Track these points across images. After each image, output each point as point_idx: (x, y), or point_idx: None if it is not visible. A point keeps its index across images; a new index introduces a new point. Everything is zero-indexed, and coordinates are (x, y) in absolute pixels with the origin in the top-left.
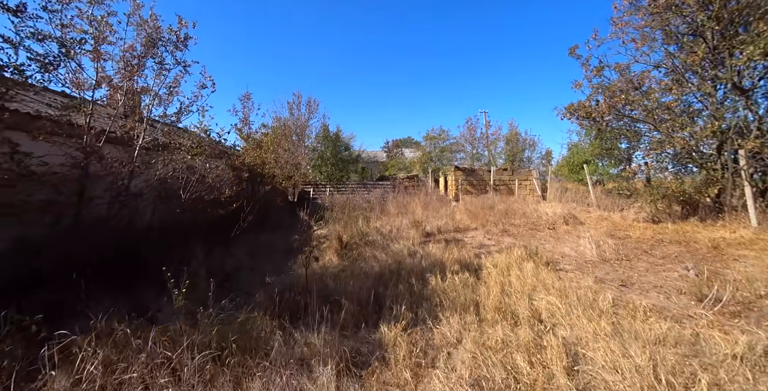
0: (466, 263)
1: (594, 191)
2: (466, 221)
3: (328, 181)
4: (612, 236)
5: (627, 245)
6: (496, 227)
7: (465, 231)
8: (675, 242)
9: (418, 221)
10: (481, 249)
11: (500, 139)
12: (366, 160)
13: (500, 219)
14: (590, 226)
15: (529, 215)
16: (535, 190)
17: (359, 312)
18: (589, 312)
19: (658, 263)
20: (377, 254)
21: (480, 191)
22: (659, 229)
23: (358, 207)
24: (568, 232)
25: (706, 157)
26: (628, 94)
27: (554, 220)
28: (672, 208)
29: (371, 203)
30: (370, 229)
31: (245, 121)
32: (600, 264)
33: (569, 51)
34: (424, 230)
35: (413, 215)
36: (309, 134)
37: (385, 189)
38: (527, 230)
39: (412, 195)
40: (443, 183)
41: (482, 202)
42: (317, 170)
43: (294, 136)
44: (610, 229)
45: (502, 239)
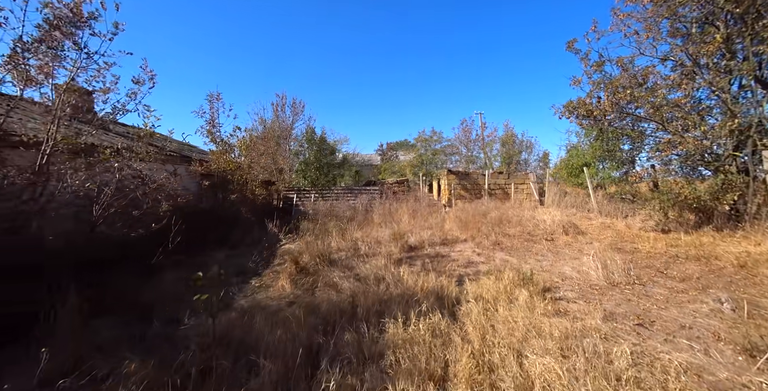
0: (442, 294)
1: (595, 196)
2: (456, 232)
3: (312, 187)
4: (619, 250)
5: (637, 262)
6: (488, 238)
7: (453, 244)
8: (693, 258)
9: (401, 233)
10: (468, 268)
11: (496, 141)
12: (360, 163)
13: (493, 228)
14: (593, 236)
15: (525, 222)
16: (532, 195)
17: (284, 376)
18: (601, 382)
19: (678, 288)
20: (338, 281)
21: (474, 196)
22: (671, 240)
23: (340, 215)
24: (569, 244)
25: (721, 159)
26: (632, 90)
27: (552, 229)
28: (684, 216)
29: (356, 210)
30: (346, 242)
31: (212, 122)
32: (608, 290)
33: (567, 45)
34: (407, 243)
35: (398, 224)
36: (296, 137)
37: (372, 195)
38: (522, 241)
39: (400, 201)
40: (436, 187)
41: (475, 208)
42: (301, 175)
43: (279, 139)
44: (615, 240)
45: (494, 253)
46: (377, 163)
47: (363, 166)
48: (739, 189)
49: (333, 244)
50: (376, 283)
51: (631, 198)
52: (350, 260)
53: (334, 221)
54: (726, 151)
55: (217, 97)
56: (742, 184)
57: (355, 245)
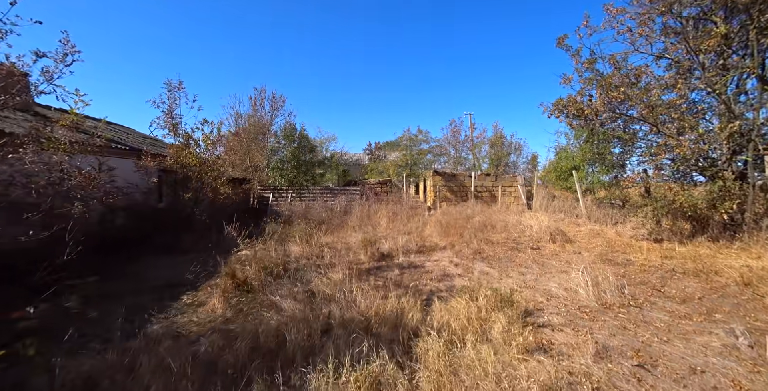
0: (401, 322)
1: (584, 201)
2: (435, 238)
3: (290, 187)
4: (609, 262)
5: (631, 277)
6: (469, 246)
7: (431, 252)
8: (691, 273)
9: (373, 239)
10: (442, 282)
11: (485, 142)
12: (348, 162)
13: (476, 234)
14: (581, 245)
15: (511, 228)
16: (519, 198)
17: None
18: None
19: (680, 312)
20: (281, 301)
21: (460, 198)
22: (665, 251)
23: (314, 217)
24: (556, 254)
25: (718, 164)
26: (626, 88)
27: (539, 236)
28: (678, 225)
29: (333, 211)
30: (312, 248)
31: (170, 113)
32: (599, 314)
33: (557, 41)
34: (379, 250)
35: (375, 228)
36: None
37: (352, 196)
38: (506, 250)
39: (382, 203)
40: (422, 189)
41: (460, 211)
42: (278, 174)
43: (257, 135)
44: (605, 250)
45: (474, 264)
46: (365, 162)
47: (351, 166)
48: (738, 197)
49: (296, 250)
50: (325, 303)
51: (620, 203)
52: (309, 270)
53: (305, 224)
54: (723, 155)
55: (179, 85)
56: (740, 192)
57: (321, 252)
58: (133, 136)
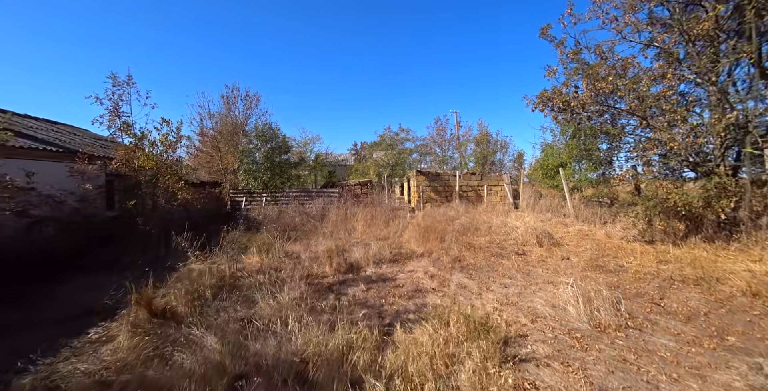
0: (343, 367)
1: (571, 199)
2: (413, 244)
3: (264, 189)
4: (601, 269)
5: (626, 288)
6: (449, 252)
7: (406, 261)
8: (691, 281)
9: (343, 248)
10: (412, 301)
11: (471, 140)
12: (334, 163)
13: (458, 238)
14: (570, 249)
15: (496, 230)
16: (506, 197)
17: None
18: None
19: (686, 335)
20: (206, 336)
21: (445, 198)
22: (659, 254)
23: (286, 222)
24: (542, 260)
25: (712, 159)
26: (615, 78)
27: (525, 239)
28: (671, 225)
29: (308, 215)
30: (271, 260)
31: (116, 111)
32: (593, 340)
33: (541, 31)
34: (347, 261)
35: (351, 233)
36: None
37: (331, 198)
38: (489, 256)
39: (361, 205)
40: (407, 189)
41: (444, 212)
42: (251, 176)
43: (232, 136)
44: (595, 254)
45: (451, 275)
46: (352, 163)
47: (337, 167)
48: (734, 194)
49: (254, 262)
50: (260, 337)
51: (608, 202)
52: (259, 288)
53: (273, 231)
54: (715, 149)
55: (128, 80)
56: (737, 188)
57: (281, 265)
58: (82, 138)
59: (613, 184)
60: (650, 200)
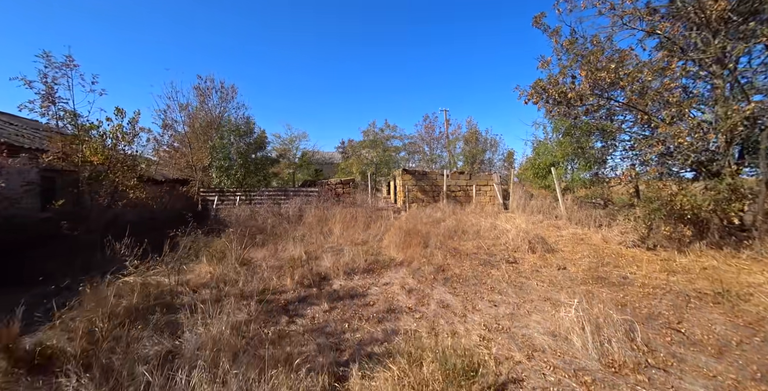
0: None
1: (563, 200)
2: (392, 250)
3: (239, 188)
4: (603, 282)
5: (635, 307)
6: (432, 260)
7: (382, 271)
8: (709, 298)
9: (313, 255)
10: (380, 327)
11: (460, 139)
12: (321, 162)
13: (444, 243)
14: (565, 255)
15: (485, 234)
16: (495, 198)
17: None
18: None
19: (726, 378)
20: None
21: (433, 199)
22: (664, 263)
23: (257, 224)
24: (536, 269)
25: (718, 158)
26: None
27: (516, 244)
28: (677, 230)
29: (282, 217)
30: (228, 269)
31: (49, 97)
32: (609, 388)
33: (534, 20)
34: (314, 271)
35: (327, 237)
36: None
37: (310, 197)
38: (477, 264)
39: (342, 205)
40: (393, 189)
41: (430, 214)
42: (223, 174)
43: (207, 130)
44: (594, 262)
45: (432, 290)
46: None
47: (323, 165)
48: (747, 197)
49: (204, 273)
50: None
51: (602, 203)
52: (196, 310)
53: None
54: (722, 147)
55: (67, 61)
56: (745, 189)
57: (236, 276)
58: (18, 128)
59: (613, 184)
60: (652, 202)
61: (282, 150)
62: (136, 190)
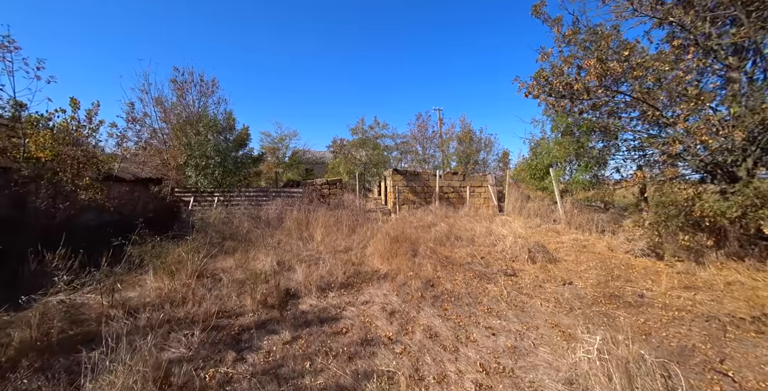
0: None
1: (562, 203)
2: (377, 260)
3: (217, 189)
4: (617, 301)
5: (662, 337)
6: (421, 273)
7: (363, 285)
8: (747, 322)
9: (289, 265)
10: (350, 366)
11: (453, 138)
12: (312, 161)
13: (435, 250)
14: (569, 266)
15: (480, 240)
16: (490, 200)
17: None
18: None
19: None
20: None
21: (424, 200)
22: (681, 276)
23: (230, 229)
24: (539, 284)
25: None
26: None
27: (514, 252)
28: (695, 239)
29: (260, 220)
30: (181, 284)
31: None
32: None
33: (533, 9)
34: (281, 287)
35: (306, 243)
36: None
37: (292, 199)
38: (471, 278)
39: (327, 207)
40: (383, 190)
41: (421, 217)
42: (199, 173)
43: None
44: (602, 275)
45: (419, 312)
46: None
47: (314, 164)
48: None
49: (151, 290)
50: None
51: (601, 207)
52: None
53: (204, 240)
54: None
55: (6, 43)
56: None
57: (189, 293)
58: None
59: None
60: (666, 207)
61: (271, 149)
62: (90, 190)
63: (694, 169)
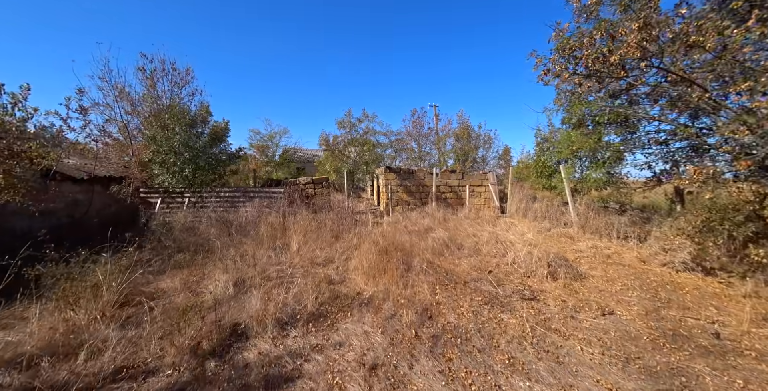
0: None
1: (574, 204)
2: (361, 277)
3: (188, 188)
4: (686, 344)
5: None
6: (415, 296)
7: (338, 318)
8: None
9: (250, 284)
10: None
11: (450, 135)
12: (303, 159)
13: (432, 263)
14: (599, 284)
15: (485, 249)
16: (491, 200)
17: None
18: None
19: None
20: None
21: (419, 200)
22: (752, 301)
23: (190, 238)
24: (570, 314)
25: None
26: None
27: (529, 265)
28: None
29: (230, 224)
30: (86, 320)
31: None
32: None
33: None
34: (223, 323)
35: (280, 253)
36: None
37: (272, 200)
38: (481, 304)
39: (311, 209)
40: (376, 190)
41: (416, 220)
42: (166, 170)
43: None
44: (646, 298)
45: (411, 369)
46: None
47: (306, 163)
48: None
49: (41, 331)
50: None
51: (616, 208)
52: None
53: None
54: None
55: None
56: None
57: (96, 333)
58: None
59: (680, 185)
60: (718, 211)
61: (260, 147)
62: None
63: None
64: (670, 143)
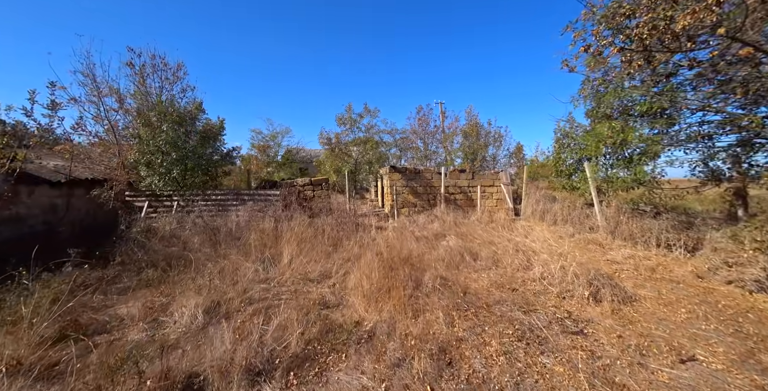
0: None
1: (600, 207)
2: (360, 301)
3: (177, 191)
4: None
5: None
6: (429, 328)
7: (329, 363)
8: None
9: (227, 311)
10: None
11: (457, 133)
12: (306, 159)
13: (446, 279)
14: (655, 309)
15: (505, 260)
16: (504, 201)
17: None
18: None
19: None
20: None
21: (427, 202)
22: None
23: (167, 249)
24: (636, 360)
25: None
26: None
27: (563, 284)
28: None
29: (217, 231)
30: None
31: None
32: None
33: None
34: (176, 375)
35: (270, 265)
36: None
37: (267, 203)
38: (513, 341)
39: (308, 213)
40: (380, 191)
41: (424, 224)
42: (152, 172)
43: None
44: (727, 332)
45: None
46: None
47: (309, 163)
48: None
49: None
50: None
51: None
52: None
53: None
54: None
55: None
56: None
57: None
58: None
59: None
60: None
61: (261, 147)
62: None
63: None
64: (714, 138)
